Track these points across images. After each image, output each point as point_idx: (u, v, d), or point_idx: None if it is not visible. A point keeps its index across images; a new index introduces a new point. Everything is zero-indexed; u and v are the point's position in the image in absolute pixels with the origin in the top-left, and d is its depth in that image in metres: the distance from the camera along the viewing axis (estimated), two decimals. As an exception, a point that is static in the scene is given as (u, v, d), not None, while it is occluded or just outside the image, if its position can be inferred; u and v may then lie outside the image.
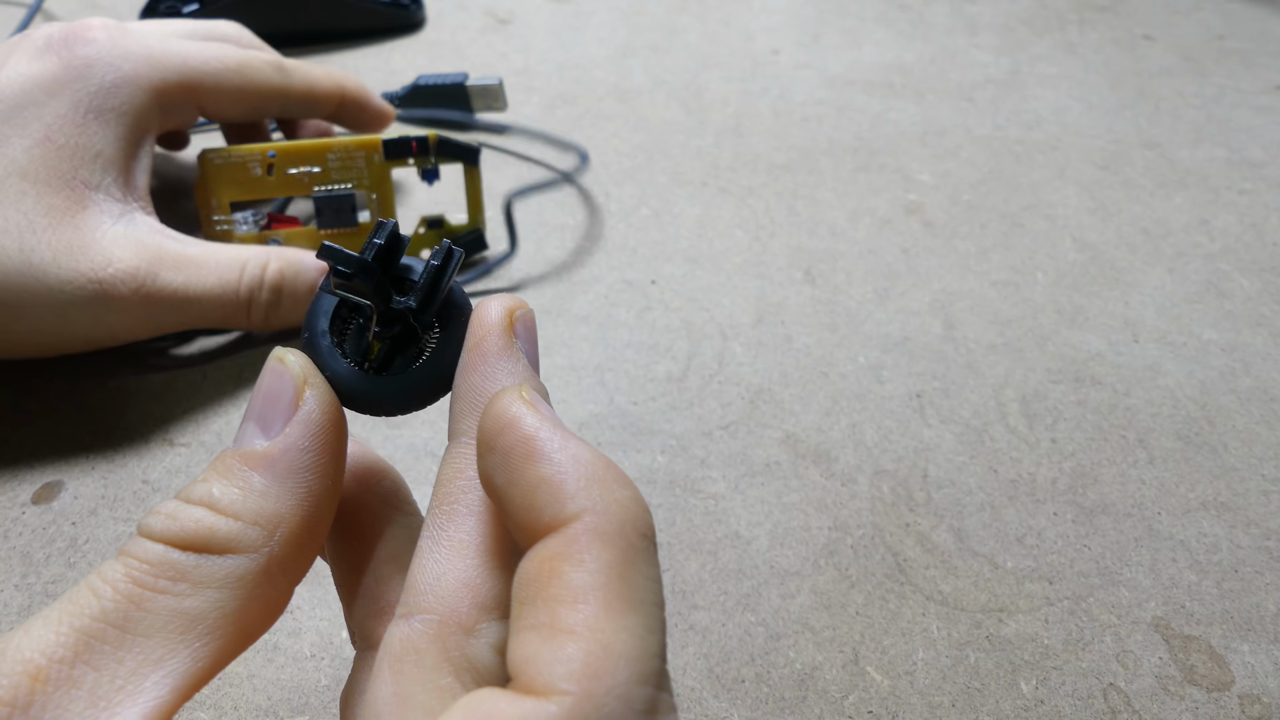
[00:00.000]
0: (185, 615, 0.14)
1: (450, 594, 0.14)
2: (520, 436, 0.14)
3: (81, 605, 0.14)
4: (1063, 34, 0.61)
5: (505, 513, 0.14)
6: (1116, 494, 0.32)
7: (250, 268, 0.31)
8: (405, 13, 0.55)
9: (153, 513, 0.15)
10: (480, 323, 0.17)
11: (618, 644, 0.12)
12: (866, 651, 0.27)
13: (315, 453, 0.16)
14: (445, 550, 0.15)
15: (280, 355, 0.16)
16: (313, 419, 0.16)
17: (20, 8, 0.53)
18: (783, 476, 0.31)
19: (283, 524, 0.15)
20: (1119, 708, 0.26)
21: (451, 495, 0.16)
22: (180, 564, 0.14)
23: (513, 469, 0.14)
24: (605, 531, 0.13)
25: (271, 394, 0.16)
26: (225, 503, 0.15)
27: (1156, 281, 0.41)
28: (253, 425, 0.16)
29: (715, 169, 0.46)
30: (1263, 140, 0.51)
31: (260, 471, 0.15)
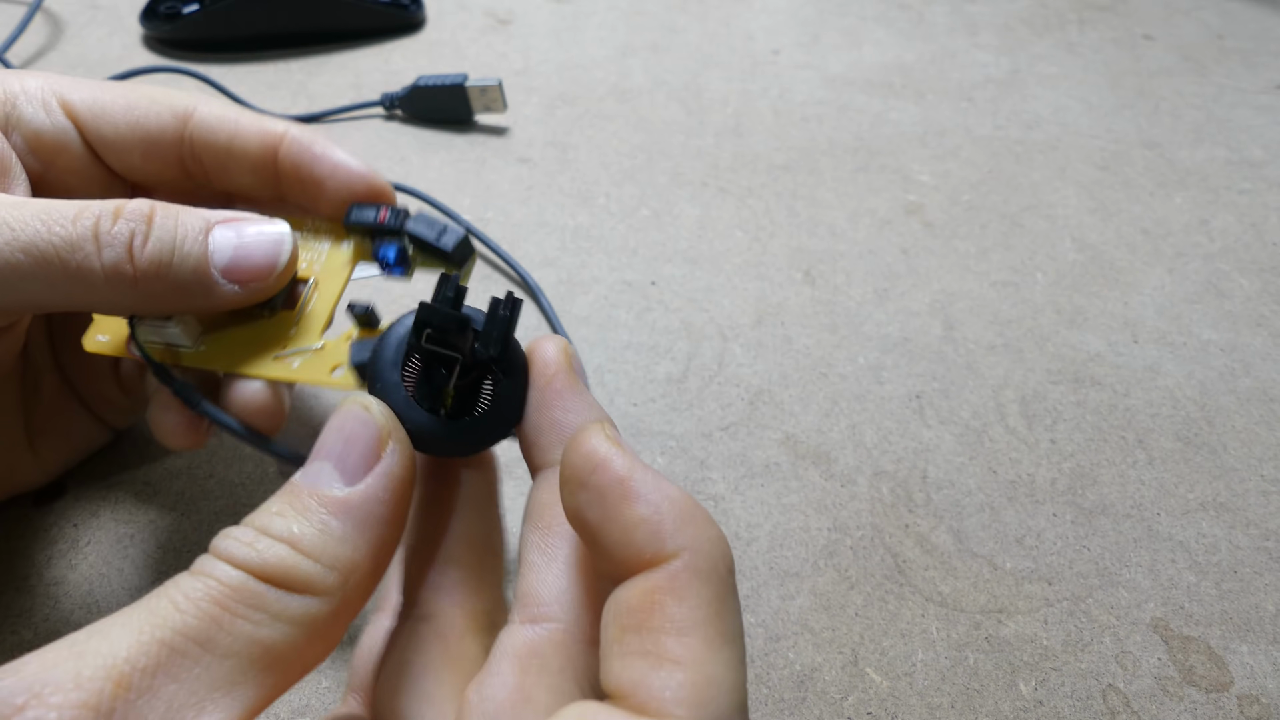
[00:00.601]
0: (260, 644, 0.14)
1: (575, 604, 0.16)
2: (614, 477, 0.15)
3: (164, 616, 0.14)
4: (1063, 33, 0.61)
5: (597, 545, 0.15)
6: (1116, 495, 0.32)
7: (96, 205, 0.21)
8: (405, 13, 0.55)
9: (227, 536, 0.15)
10: (545, 362, 0.18)
11: (719, 675, 0.14)
12: (866, 653, 0.27)
13: (392, 505, 0.16)
14: (561, 567, 0.16)
15: (365, 403, 0.17)
16: (393, 474, 0.16)
17: (21, 6, 0.54)
18: (782, 477, 0.31)
19: (356, 571, 0.16)
20: (1118, 708, 0.26)
21: (559, 517, 0.17)
22: (261, 595, 0.14)
23: (608, 507, 0.15)
24: (702, 570, 0.14)
25: (353, 439, 0.16)
26: (307, 544, 0.15)
27: (1156, 282, 0.41)
28: (331, 468, 0.16)
29: (715, 169, 0.46)
30: (1263, 140, 0.51)
31: (339, 517, 0.16)
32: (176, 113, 0.24)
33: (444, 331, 0.17)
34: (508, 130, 0.47)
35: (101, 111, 0.24)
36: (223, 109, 0.25)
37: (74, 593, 0.26)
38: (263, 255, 0.21)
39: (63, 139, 0.24)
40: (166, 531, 0.28)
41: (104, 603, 0.26)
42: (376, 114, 0.48)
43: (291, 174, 0.25)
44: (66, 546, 0.28)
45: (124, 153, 0.24)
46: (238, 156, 0.25)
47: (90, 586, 0.27)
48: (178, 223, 0.21)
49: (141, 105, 0.24)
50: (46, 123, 0.23)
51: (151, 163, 0.25)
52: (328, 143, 0.25)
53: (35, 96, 0.24)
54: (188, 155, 0.25)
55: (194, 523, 0.29)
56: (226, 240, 0.21)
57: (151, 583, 0.27)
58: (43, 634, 0.25)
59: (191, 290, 0.21)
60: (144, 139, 0.24)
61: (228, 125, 0.25)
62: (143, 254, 0.20)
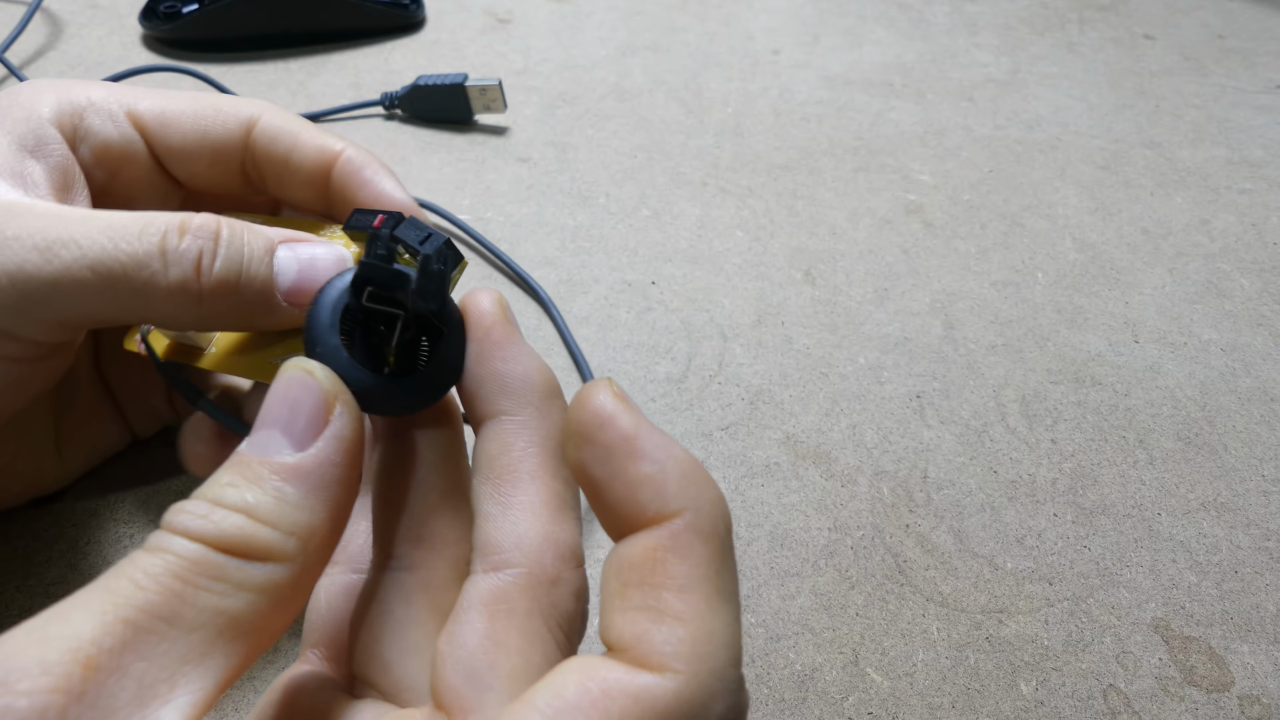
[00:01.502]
0: (226, 615, 0.14)
1: (535, 550, 0.16)
2: (621, 434, 0.15)
3: (125, 595, 0.14)
4: (1063, 33, 0.61)
5: (600, 499, 0.16)
6: (1116, 495, 0.32)
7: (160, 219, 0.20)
8: (405, 13, 0.55)
9: (181, 511, 0.15)
10: (481, 314, 0.18)
11: (718, 631, 0.14)
12: (866, 653, 0.27)
13: (345, 467, 0.16)
14: (518, 513, 0.17)
15: (307, 366, 0.17)
16: (344, 435, 0.16)
17: (21, 6, 0.54)
18: (782, 477, 0.31)
19: (315, 535, 0.16)
20: (1119, 709, 0.26)
21: (510, 465, 0.17)
22: (222, 566, 0.14)
23: (614, 464, 0.15)
24: (704, 529, 0.15)
25: (298, 405, 0.16)
26: (263, 511, 0.15)
27: (1157, 281, 0.41)
28: (279, 435, 0.16)
29: (715, 169, 0.46)
30: (1263, 140, 0.51)
31: (293, 483, 0.16)
32: (242, 120, 0.25)
33: (386, 289, 0.17)
34: (508, 130, 0.47)
35: (169, 121, 0.24)
36: (286, 120, 0.25)
37: (73, 592, 0.26)
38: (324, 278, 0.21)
39: (130, 150, 0.24)
40: (166, 531, 0.28)
41: (103, 603, 0.26)
42: (376, 114, 0.48)
43: (340, 194, 0.25)
44: (66, 546, 0.28)
45: (190, 161, 0.25)
46: (294, 169, 0.25)
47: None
48: (245, 242, 0.20)
49: (208, 114, 0.25)
50: (115, 134, 0.24)
51: (215, 170, 0.25)
52: (379, 168, 0.25)
53: (103, 109, 0.24)
54: (249, 163, 0.25)
55: (194, 523, 0.29)
56: (290, 263, 0.21)
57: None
58: (42, 634, 0.25)
59: (254, 310, 0.21)
60: (211, 148, 0.25)
61: (288, 137, 0.25)
62: (211, 273, 0.20)
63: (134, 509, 0.29)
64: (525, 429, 0.18)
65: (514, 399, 0.18)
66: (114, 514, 0.29)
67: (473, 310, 0.19)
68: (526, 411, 0.18)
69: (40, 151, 0.23)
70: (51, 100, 0.23)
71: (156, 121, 0.24)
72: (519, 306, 0.37)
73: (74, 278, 0.19)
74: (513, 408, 0.18)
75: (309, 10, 0.52)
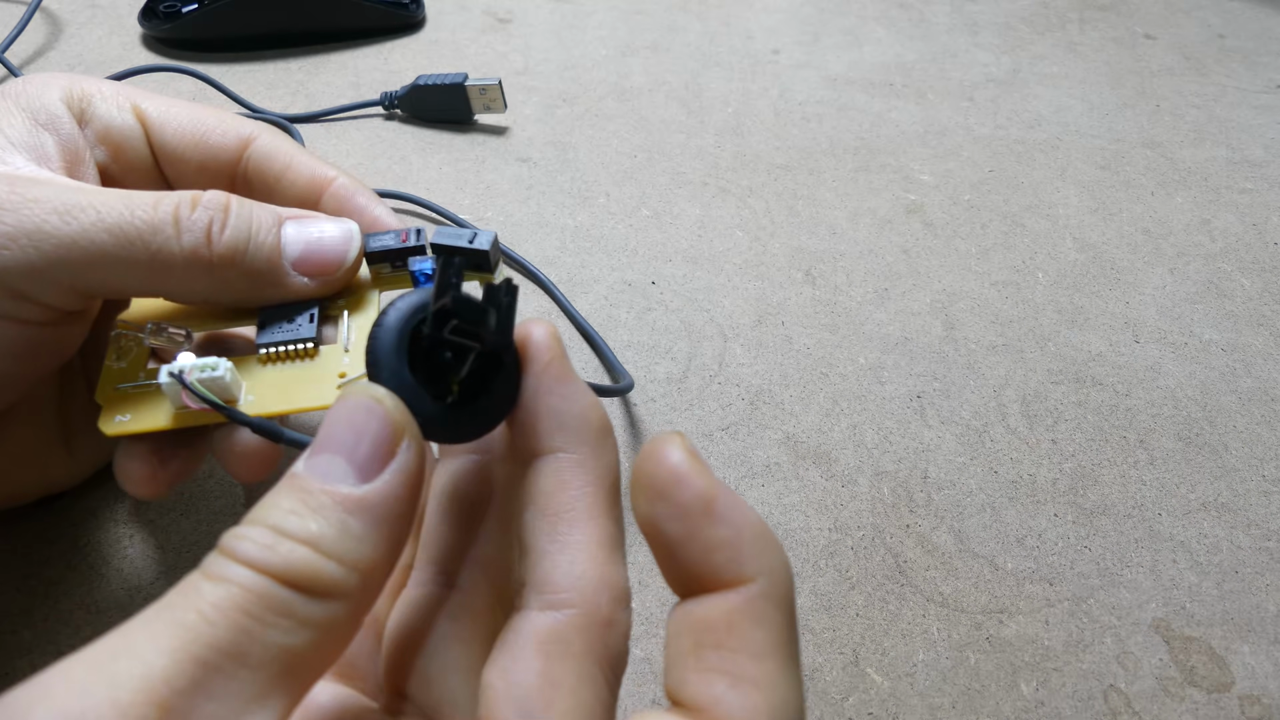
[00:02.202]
0: (288, 652, 0.14)
1: (592, 591, 0.16)
2: (697, 495, 0.16)
3: (194, 630, 0.13)
4: (1064, 33, 0.61)
5: (672, 556, 0.16)
6: (1117, 495, 0.32)
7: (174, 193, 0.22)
8: (405, 13, 0.55)
9: (242, 538, 0.14)
10: (539, 348, 0.19)
11: (790, 697, 0.15)
12: (866, 653, 0.27)
13: (409, 502, 0.16)
14: (574, 552, 0.17)
15: (375, 394, 0.16)
16: (410, 470, 0.16)
17: (20, 6, 0.54)
18: (783, 478, 0.31)
19: (375, 571, 0.15)
20: (1119, 709, 0.26)
21: (567, 504, 0.17)
22: (286, 601, 0.14)
23: (689, 524, 0.16)
24: (776, 596, 0.15)
25: (364, 433, 0.16)
26: (327, 544, 0.15)
27: (1157, 281, 0.41)
28: (343, 462, 0.16)
29: (715, 169, 0.46)
30: (1264, 139, 0.51)
31: (357, 516, 0.15)
32: (241, 136, 0.26)
33: (471, 322, 0.17)
34: (508, 130, 0.47)
35: (169, 120, 0.25)
36: (282, 142, 0.26)
37: (73, 592, 0.26)
38: (332, 249, 0.23)
39: (130, 136, 0.25)
40: (165, 531, 0.28)
41: (102, 603, 0.26)
42: (376, 113, 0.48)
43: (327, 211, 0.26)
44: (66, 546, 0.28)
45: (182, 162, 0.26)
46: (285, 189, 0.26)
47: (89, 586, 0.27)
48: (253, 214, 0.22)
49: (208, 122, 0.26)
50: (117, 119, 0.25)
51: (204, 176, 0.26)
52: (371, 197, 0.26)
53: (110, 98, 0.25)
54: (239, 177, 0.26)
55: (193, 522, 0.29)
56: (297, 234, 0.23)
57: (150, 583, 0.27)
58: (42, 634, 0.25)
59: (264, 279, 0.22)
60: (204, 153, 0.26)
61: (283, 157, 0.26)
62: (220, 240, 0.21)
63: (133, 509, 0.29)
64: (582, 468, 0.18)
65: (570, 436, 0.18)
66: (113, 514, 0.29)
67: (531, 344, 0.19)
68: (583, 450, 0.18)
69: (52, 125, 0.23)
70: (62, 84, 0.24)
71: (158, 117, 0.25)
72: (526, 299, 0.37)
73: (91, 240, 0.20)
74: (568, 444, 0.18)
75: (309, 10, 0.52)
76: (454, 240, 0.23)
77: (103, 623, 0.26)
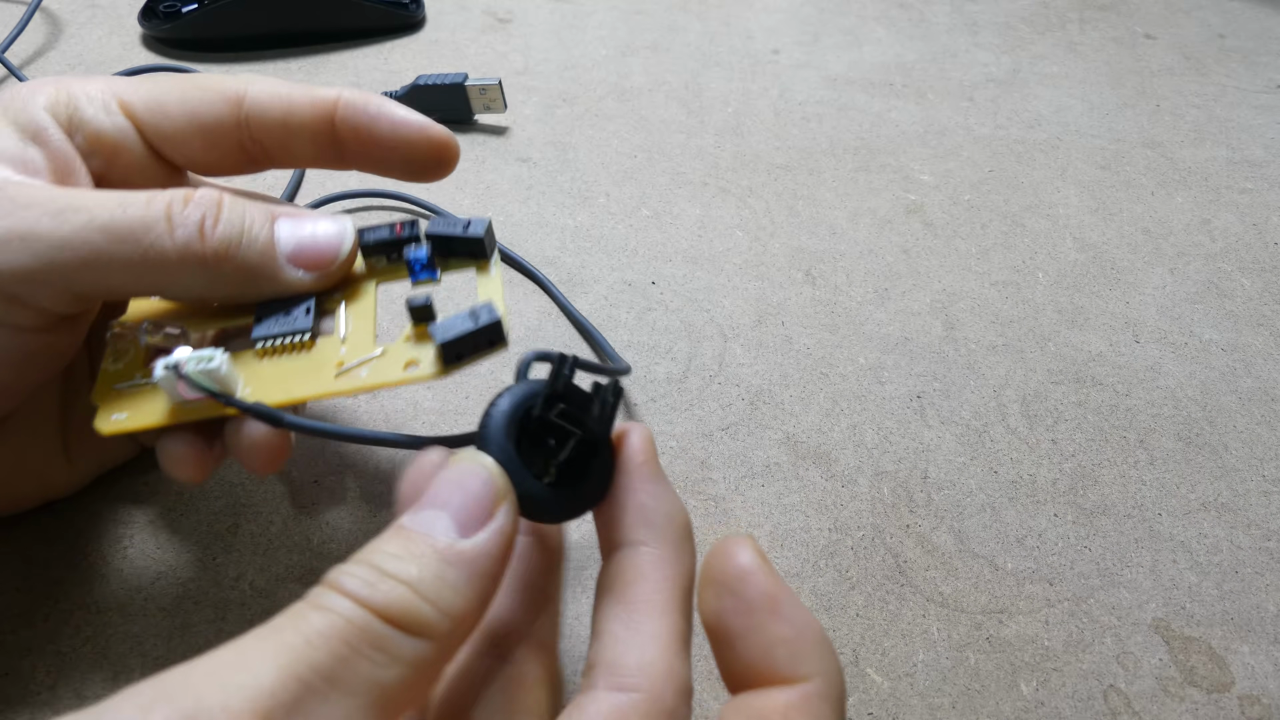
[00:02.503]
0: (379, 685, 0.15)
1: (659, 679, 0.17)
2: (763, 592, 0.17)
3: (299, 650, 0.14)
4: (1064, 33, 0.61)
5: (732, 648, 0.17)
6: (1117, 495, 0.32)
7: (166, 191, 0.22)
8: (405, 13, 0.55)
9: (346, 574, 0.16)
10: (634, 448, 0.20)
11: None
12: (866, 653, 0.27)
13: (500, 561, 0.17)
14: (646, 641, 0.18)
15: (485, 463, 0.18)
16: (505, 532, 0.17)
17: (20, 6, 0.54)
18: (783, 478, 0.31)
19: (464, 620, 0.16)
20: (1119, 709, 0.26)
21: (645, 595, 0.18)
22: (383, 635, 0.15)
23: (753, 619, 0.17)
24: (830, 697, 0.16)
25: (470, 493, 0.17)
26: (425, 588, 0.16)
27: (1157, 281, 0.41)
28: (448, 519, 0.17)
29: (715, 169, 0.46)
30: (1264, 139, 0.51)
31: (455, 566, 0.16)
32: (228, 98, 0.25)
33: (577, 409, 0.19)
34: (508, 130, 0.47)
35: (158, 108, 0.24)
36: (273, 86, 0.25)
37: (73, 593, 0.26)
38: (326, 242, 0.23)
39: (123, 138, 0.24)
40: (165, 532, 0.28)
41: (103, 603, 0.26)
42: (376, 114, 0.48)
43: (351, 139, 0.25)
44: (66, 547, 0.28)
45: (184, 145, 0.25)
46: (295, 131, 0.25)
47: (90, 587, 0.27)
48: (245, 210, 0.22)
49: (194, 95, 0.25)
50: (107, 123, 0.24)
51: (213, 152, 0.25)
52: (382, 101, 0.26)
53: (96, 99, 0.24)
54: (246, 139, 0.25)
55: (193, 523, 0.29)
56: (290, 229, 0.23)
57: (150, 583, 0.27)
58: (42, 634, 0.25)
59: (259, 273, 0.22)
60: (201, 129, 0.25)
61: (280, 102, 0.25)
62: (213, 235, 0.21)
63: (133, 509, 0.29)
64: (664, 564, 0.19)
65: (655, 532, 0.19)
66: (115, 516, 0.29)
67: (628, 442, 0.20)
68: (665, 547, 0.19)
69: (40, 138, 0.23)
70: (48, 92, 0.24)
71: (146, 109, 0.24)
72: (526, 299, 0.37)
73: (85, 240, 0.20)
74: (652, 540, 0.19)
75: (309, 10, 0.52)
76: (449, 229, 0.24)
77: (103, 623, 0.26)
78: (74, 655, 0.25)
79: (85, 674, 0.25)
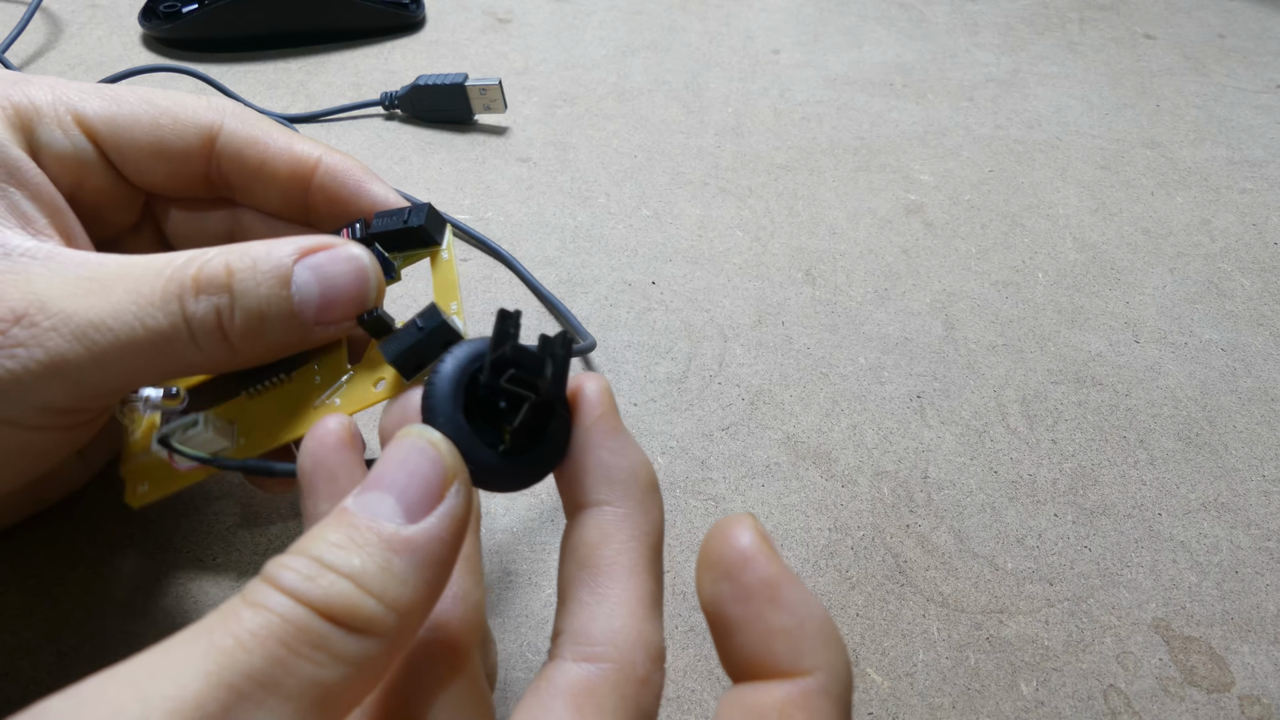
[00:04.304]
0: (320, 686, 0.14)
1: (629, 647, 0.16)
2: (764, 579, 0.16)
3: (229, 655, 0.13)
4: (1064, 33, 0.61)
5: (730, 637, 0.16)
6: (1117, 495, 0.32)
7: (179, 267, 0.20)
8: (405, 13, 0.55)
9: (284, 567, 0.14)
10: (590, 402, 0.19)
11: None
12: (866, 653, 0.27)
13: (452, 546, 0.16)
14: (613, 606, 0.17)
15: (431, 437, 0.16)
16: (457, 515, 0.16)
17: (20, 6, 0.54)
18: (783, 478, 0.31)
19: (412, 613, 0.15)
20: (1119, 709, 0.26)
21: (609, 558, 0.17)
22: (323, 634, 0.14)
23: (752, 607, 0.16)
24: (834, 693, 0.15)
25: (416, 473, 0.16)
26: (369, 581, 0.15)
27: (1157, 281, 0.41)
28: (393, 501, 0.15)
29: (715, 169, 0.46)
30: (1264, 139, 0.51)
31: (401, 555, 0.15)
32: (202, 133, 0.23)
33: (528, 372, 0.18)
34: (508, 130, 0.47)
35: (120, 129, 0.23)
36: (250, 127, 0.24)
37: (72, 592, 0.26)
38: (350, 291, 0.21)
39: (85, 163, 0.23)
40: (165, 532, 0.28)
41: (102, 603, 0.26)
42: (376, 114, 0.48)
43: (324, 206, 0.24)
44: (66, 548, 0.28)
45: (147, 172, 0.24)
46: (268, 181, 0.24)
47: (89, 587, 0.27)
48: (257, 284, 0.20)
49: (164, 125, 0.23)
50: (67, 145, 0.23)
51: (176, 180, 0.24)
52: (364, 176, 0.24)
53: (48, 115, 0.22)
54: (214, 173, 0.24)
55: (193, 522, 0.29)
56: (309, 288, 0.20)
57: (150, 583, 0.27)
58: (41, 633, 0.25)
59: (287, 340, 0.21)
60: (168, 160, 0.23)
61: (256, 149, 0.24)
62: (234, 328, 0.20)
63: (133, 511, 0.29)
64: (627, 522, 0.18)
65: (616, 490, 0.18)
66: (114, 516, 0.29)
67: (582, 397, 0.19)
68: (629, 504, 0.18)
69: (18, 178, 0.22)
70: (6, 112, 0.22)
71: (107, 128, 0.23)
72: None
73: (112, 359, 0.19)
74: (614, 499, 0.18)
75: (309, 10, 0.52)
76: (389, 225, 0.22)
77: (103, 623, 0.26)
78: (74, 655, 0.25)
79: (85, 674, 0.25)
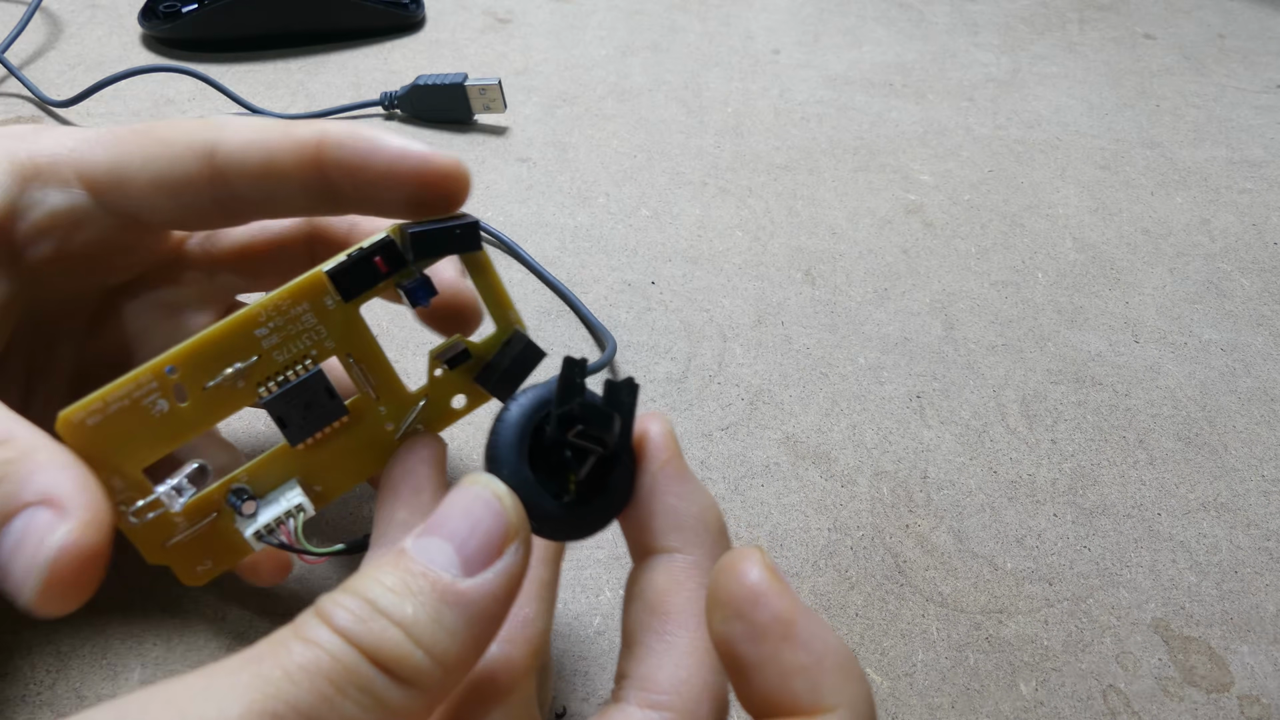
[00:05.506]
0: None
1: (695, 697, 0.16)
2: (776, 616, 0.15)
3: (275, 686, 0.13)
4: (1063, 33, 0.61)
5: (747, 678, 0.15)
6: (1116, 495, 0.32)
7: None
8: (405, 13, 0.55)
9: (338, 604, 0.14)
10: (656, 445, 0.19)
11: None
12: (866, 653, 0.27)
13: (505, 604, 0.16)
14: (680, 655, 0.17)
15: (497, 491, 0.16)
16: (513, 573, 0.16)
17: (21, 6, 0.54)
18: (782, 478, 0.31)
19: (456, 669, 0.15)
20: (1119, 709, 0.26)
21: (680, 605, 0.17)
22: (370, 679, 0.14)
23: (766, 646, 0.15)
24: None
25: (478, 526, 0.16)
26: (419, 631, 0.14)
27: (1157, 281, 0.41)
28: (452, 551, 0.15)
29: (715, 169, 0.46)
30: (1263, 139, 0.51)
31: (453, 609, 0.15)
32: (198, 152, 0.21)
33: (596, 426, 0.17)
34: (508, 130, 0.47)
35: (121, 174, 0.22)
36: (248, 131, 0.21)
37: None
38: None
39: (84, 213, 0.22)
40: (166, 532, 0.28)
41: (102, 604, 0.26)
42: (376, 113, 0.48)
43: (345, 181, 0.21)
44: (66, 547, 0.28)
45: (153, 211, 0.22)
46: (280, 180, 0.21)
47: (89, 587, 0.27)
48: None
49: (158, 153, 0.21)
50: (63, 201, 0.21)
51: (185, 212, 0.22)
52: (372, 132, 0.21)
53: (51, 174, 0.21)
54: (224, 195, 0.22)
55: (193, 523, 0.29)
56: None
57: (150, 584, 0.27)
58: (42, 633, 0.25)
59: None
60: (170, 192, 0.21)
61: (258, 150, 0.21)
62: None
63: (134, 509, 0.29)
64: (697, 570, 0.18)
65: (686, 536, 0.18)
66: (114, 514, 0.29)
67: (648, 441, 0.19)
68: (698, 552, 0.18)
69: None
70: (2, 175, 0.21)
71: (109, 178, 0.22)
72: (532, 294, 0.37)
73: None
74: (684, 545, 0.18)
75: (309, 10, 0.52)
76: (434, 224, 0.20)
77: (102, 623, 0.26)
78: (74, 655, 0.25)
79: (85, 674, 0.25)
